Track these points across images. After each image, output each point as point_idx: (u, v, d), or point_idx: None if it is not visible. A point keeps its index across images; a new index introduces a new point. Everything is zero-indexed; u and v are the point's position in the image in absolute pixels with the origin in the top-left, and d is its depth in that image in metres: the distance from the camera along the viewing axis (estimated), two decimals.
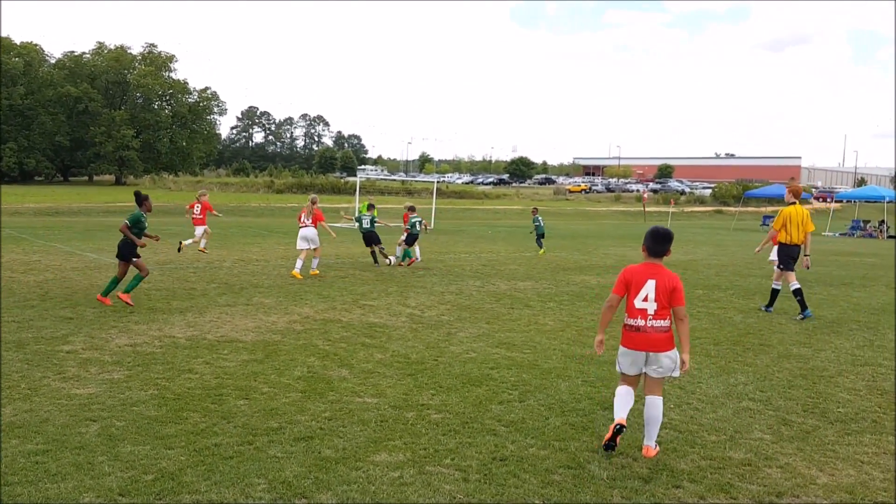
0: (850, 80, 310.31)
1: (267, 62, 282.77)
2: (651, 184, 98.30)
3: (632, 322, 5.49)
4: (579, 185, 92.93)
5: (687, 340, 5.49)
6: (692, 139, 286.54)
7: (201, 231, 18.48)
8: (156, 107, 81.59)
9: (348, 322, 10.34)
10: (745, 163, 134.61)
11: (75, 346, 8.30)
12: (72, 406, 6.18)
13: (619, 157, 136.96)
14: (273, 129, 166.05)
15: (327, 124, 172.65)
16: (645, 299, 5.43)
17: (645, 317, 5.42)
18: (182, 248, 18.24)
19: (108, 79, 78.33)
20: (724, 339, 10.02)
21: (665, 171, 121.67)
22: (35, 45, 75.08)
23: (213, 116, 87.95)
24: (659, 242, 5.57)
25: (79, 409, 6.12)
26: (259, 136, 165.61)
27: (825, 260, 23.50)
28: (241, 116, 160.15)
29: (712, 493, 4.91)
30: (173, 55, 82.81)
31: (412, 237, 17.82)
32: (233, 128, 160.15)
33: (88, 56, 79.90)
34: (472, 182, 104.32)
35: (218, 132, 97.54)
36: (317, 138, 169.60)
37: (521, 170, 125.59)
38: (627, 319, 5.53)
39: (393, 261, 17.80)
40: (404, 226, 18.61)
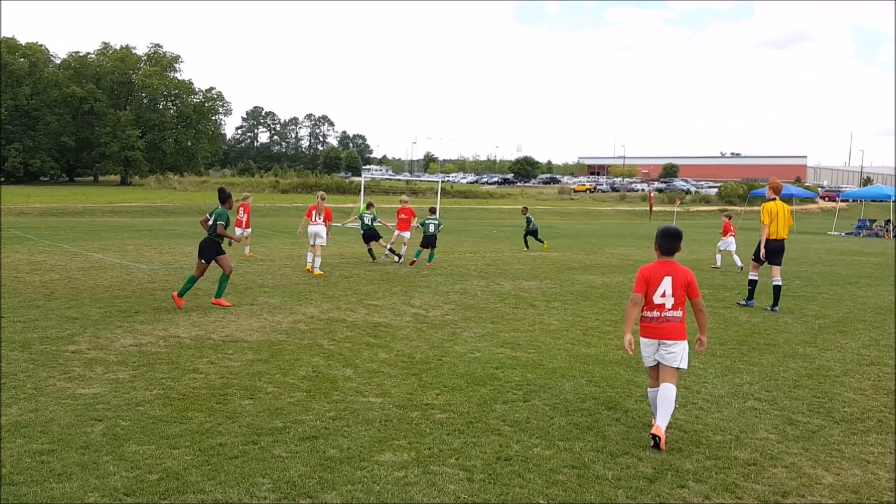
0: (855, 78, 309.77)
1: (272, 62, 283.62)
2: (656, 183, 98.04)
3: (649, 314, 5.85)
4: (584, 185, 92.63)
5: (706, 327, 5.94)
6: (697, 138, 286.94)
7: (244, 233, 18.66)
8: (161, 107, 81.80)
9: (353, 322, 10.35)
10: (751, 162, 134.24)
11: (80, 346, 8.32)
12: (77, 406, 6.19)
13: (624, 157, 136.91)
14: (278, 129, 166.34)
15: (332, 124, 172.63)
16: (663, 295, 5.80)
17: (662, 310, 5.81)
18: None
19: (114, 79, 78.50)
20: (729, 338, 10.00)
21: (670, 171, 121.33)
22: (40, 45, 75.28)
23: (217, 117, 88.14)
24: (671, 241, 5.92)
25: (84, 408, 6.13)
26: (264, 136, 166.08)
27: (831, 259, 23.44)
28: (246, 116, 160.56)
29: (717, 492, 4.90)
30: (178, 55, 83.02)
31: (426, 238, 17.99)
32: (238, 128, 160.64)
33: (93, 56, 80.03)
34: (476, 182, 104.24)
35: (223, 132, 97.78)
36: (322, 138, 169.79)
37: (525, 169, 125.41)
38: (645, 313, 5.88)
39: (390, 256, 18.17)
40: (400, 217, 19.13)
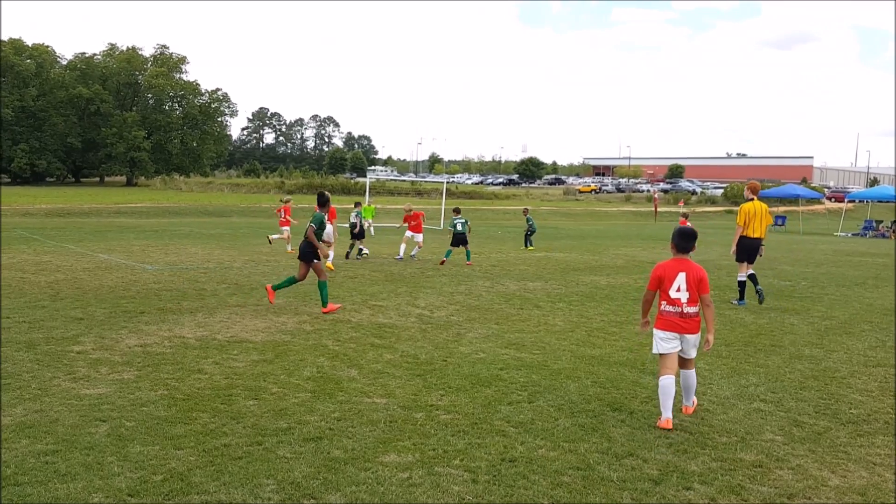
0: (861, 79, 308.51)
1: (278, 63, 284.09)
2: (661, 184, 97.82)
3: (668, 309, 6.31)
4: (589, 186, 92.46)
5: (712, 322, 6.30)
6: (703, 138, 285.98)
7: (287, 231, 20.53)
8: (167, 108, 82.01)
9: (358, 322, 10.35)
10: (757, 162, 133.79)
11: (85, 347, 8.33)
12: (82, 406, 6.20)
13: (630, 157, 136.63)
14: (284, 130, 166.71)
15: (338, 125, 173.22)
16: (678, 290, 6.26)
17: (679, 304, 6.26)
18: (271, 241, 20.93)
19: (120, 80, 78.73)
20: (735, 339, 9.96)
21: (676, 171, 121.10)
22: (47, 46, 75.61)
23: (223, 118, 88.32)
24: (686, 240, 6.43)
25: (89, 409, 6.14)
26: (270, 137, 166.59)
27: (838, 260, 23.36)
28: (251, 117, 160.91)
29: (723, 494, 4.87)
30: (184, 57, 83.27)
31: (456, 238, 18.81)
32: (244, 129, 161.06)
33: (100, 57, 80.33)
34: (481, 182, 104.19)
35: (228, 133, 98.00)
36: (327, 139, 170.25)
37: (530, 170, 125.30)
38: (664, 307, 6.34)
39: (366, 253, 19.38)
40: (407, 223, 19.71)
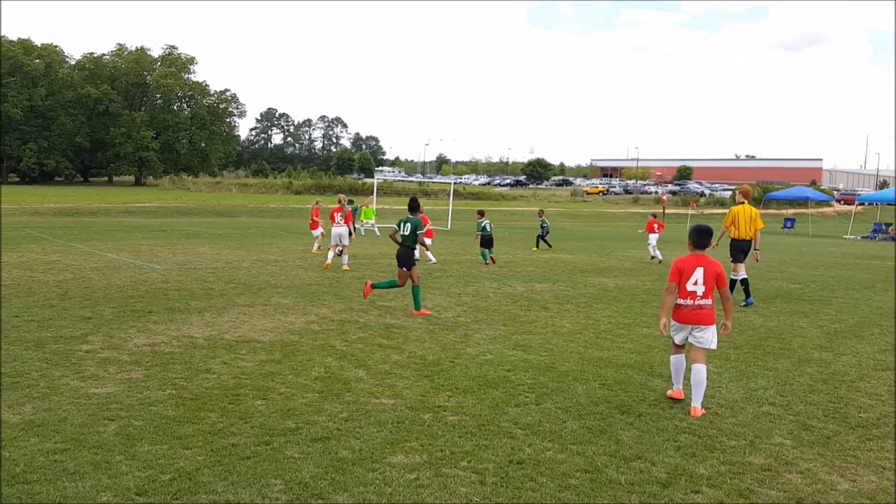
0: (871, 81, 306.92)
1: (286, 65, 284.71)
2: (669, 185, 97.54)
3: (683, 301, 6.66)
4: (597, 187, 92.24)
5: (730, 311, 6.86)
6: (711, 140, 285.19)
7: (317, 233, 20.72)
8: (175, 108, 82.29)
9: (365, 323, 10.35)
10: (766, 164, 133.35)
11: (94, 346, 8.35)
12: (90, 405, 6.21)
13: (638, 159, 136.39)
14: (292, 130, 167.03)
15: (345, 126, 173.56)
16: (695, 283, 6.62)
17: (694, 297, 6.63)
18: (318, 250, 20.47)
19: (128, 80, 79.06)
20: (744, 342, 9.92)
21: (684, 173, 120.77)
22: (55, 46, 75.98)
23: (232, 118, 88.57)
24: (702, 236, 6.88)
25: (97, 408, 6.15)
26: (278, 138, 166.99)
27: (847, 263, 23.25)
28: (260, 118, 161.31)
29: (732, 498, 4.85)
30: (193, 57, 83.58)
31: (485, 239, 19.10)
32: (252, 129, 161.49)
33: (108, 57, 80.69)
34: (489, 183, 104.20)
35: (237, 134, 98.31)
36: (335, 140, 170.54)
37: (538, 171, 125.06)
38: (679, 300, 6.68)
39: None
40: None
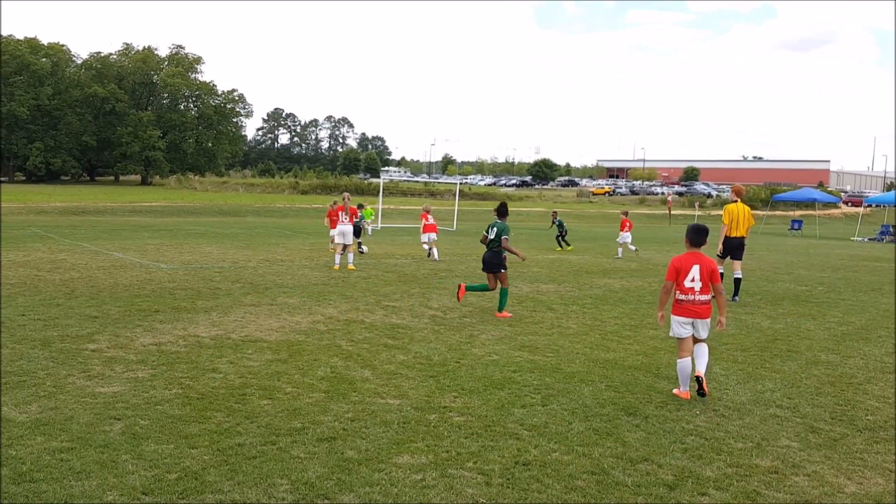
0: (878, 82, 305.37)
1: (293, 65, 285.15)
2: (676, 186, 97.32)
3: (683, 297, 7.06)
4: (603, 188, 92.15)
5: (724, 307, 7.18)
6: (718, 141, 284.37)
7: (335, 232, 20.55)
8: (182, 108, 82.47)
9: (371, 323, 10.35)
10: (773, 166, 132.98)
11: (100, 345, 8.37)
12: (96, 404, 6.22)
13: (644, 160, 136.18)
14: (298, 130, 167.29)
15: (352, 126, 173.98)
16: (692, 279, 7.00)
17: (693, 293, 7.01)
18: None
19: (135, 79, 79.25)
20: (751, 345, 9.89)
21: (691, 174, 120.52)
22: (62, 45, 76.22)
23: (239, 118, 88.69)
24: (699, 235, 7.20)
25: (103, 407, 6.16)
26: (284, 138, 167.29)
27: (854, 265, 23.16)
28: (266, 118, 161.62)
29: (738, 500, 4.83)
30: (200, 57, 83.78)
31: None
32: (259, 129, 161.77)
33: (115, 57, 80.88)
34: (494, 184, 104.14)
35: (244, 134, 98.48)
36: (341, 140, 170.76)
37: (544, 172, 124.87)
38: (679, 296, 7.08)
39: (364, 250, 20.26)
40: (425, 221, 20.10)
